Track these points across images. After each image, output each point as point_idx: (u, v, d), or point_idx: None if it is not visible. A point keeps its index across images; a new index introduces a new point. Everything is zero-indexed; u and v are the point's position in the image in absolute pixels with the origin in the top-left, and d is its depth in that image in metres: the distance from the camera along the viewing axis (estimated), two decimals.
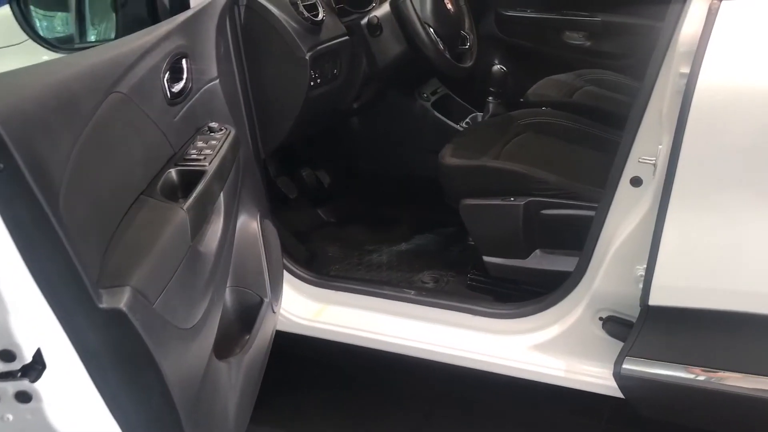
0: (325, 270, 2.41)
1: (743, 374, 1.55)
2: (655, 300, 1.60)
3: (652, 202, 1.63)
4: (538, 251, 2.05)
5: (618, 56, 3.21)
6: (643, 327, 1.65)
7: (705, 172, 1.48)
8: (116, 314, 1.04)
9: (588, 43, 3.24)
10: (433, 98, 2.76)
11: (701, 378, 1.61)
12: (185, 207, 1.29)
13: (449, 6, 2.35)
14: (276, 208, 2.58)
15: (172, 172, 1.41)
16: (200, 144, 1.52)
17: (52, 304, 1.03)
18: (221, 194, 1.49)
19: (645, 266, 1.64)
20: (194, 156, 1.46)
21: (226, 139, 1.57)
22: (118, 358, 1.12)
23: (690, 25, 1.49)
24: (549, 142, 2.33)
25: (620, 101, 2.82)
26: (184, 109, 1.54)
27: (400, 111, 2.72)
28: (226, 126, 1.62)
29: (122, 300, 1.05)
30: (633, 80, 3.04)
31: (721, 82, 1.42)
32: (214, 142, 1.53)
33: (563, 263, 1.99)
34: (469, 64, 2.43)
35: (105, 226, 1.14)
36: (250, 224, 1.77)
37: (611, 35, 3.21)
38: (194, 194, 1.34)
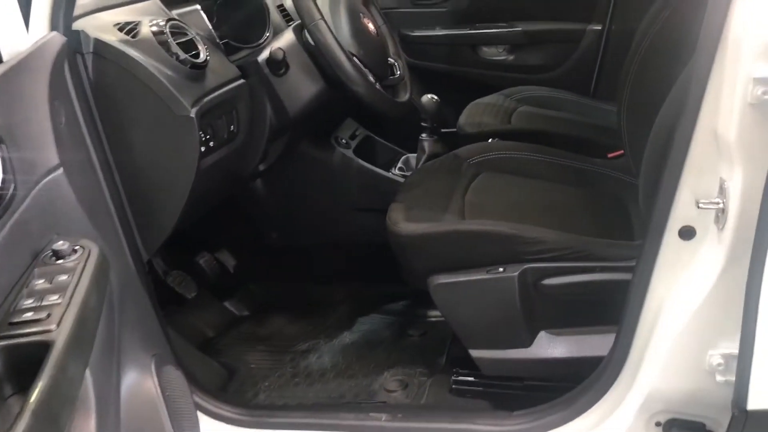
0: (250, 393, 1.80)
1: None
2: (756, 402, 1.12)
3: (725, 260, 1.18)
4: (543, 334, 1.54)
5: (546, 68, 2.83)
6: None
7: None
8: None
9: (510, 57, 2.87)
10: (353, 143, 2.21)
11: None
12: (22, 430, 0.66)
13: (371, 27, 1.81)
14: (170, 312, 1.96)
15: None
16: (40, 285, 0.90)
17: None
18: (87, 371, 0.86)
19: (724, 352, 1.20)
20: (29, 314, 0.83)
21: (84, 265, 0.95)
22: None
23: (760, 8, 1.04)
24: (515, 182, 1.84)
25: (567, 120, 2.44)
26: (5, 229, 0.92)
27: (316, 164, 2.15)
28: (83, 242, 1.00)
29: None
30: (567, 93, 2.67)
31: None
32: (63, 277, 0.91)
33: (583, 346, 1.52)
34: (405, 97, 1.90)
35: None
36: (142, 385, 1.15)
37: (535, 45, 2.82)
38: (34, 397, 0.71)
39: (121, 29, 1.47)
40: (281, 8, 2.01)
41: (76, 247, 0.99)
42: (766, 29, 1.03)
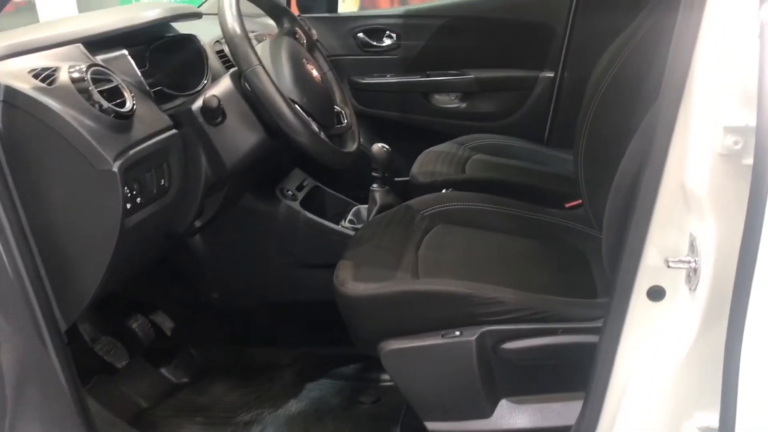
0: None
1: None
2: None
3: (700, 322, 1.10)
4: (504, 402, 1.42)
5: (499, 116, 2.77)
6: None
7: None
8: None
9: (463, 105, 2.81)
10: (300, 195, 2.08)
11: None
12: None
13: (315, 73, 1.70)
14: (98, 383, 1.79)
15: None
16: None
17: None
18: None
19: (701, 425, 1.13)
20: None
21: None
22: None
23: (728, 51, 0.97)
24: (471, 235, 1.74)
25: (523, 168, 2.37)
26: None
27: (259, 218, 2.01)
28: None
29: None
30: (521, 141, 2.62)
31: None
32: None
33: (548, 415, 1.40)
34: (353, 147, 1.79)
35: None
36: None
37: (488, 93, 2.77)
38: None
39: (36, 76, 1.33)
40: (221, 53, 1.90)
41: None
42: (735, 74, 0.96)
